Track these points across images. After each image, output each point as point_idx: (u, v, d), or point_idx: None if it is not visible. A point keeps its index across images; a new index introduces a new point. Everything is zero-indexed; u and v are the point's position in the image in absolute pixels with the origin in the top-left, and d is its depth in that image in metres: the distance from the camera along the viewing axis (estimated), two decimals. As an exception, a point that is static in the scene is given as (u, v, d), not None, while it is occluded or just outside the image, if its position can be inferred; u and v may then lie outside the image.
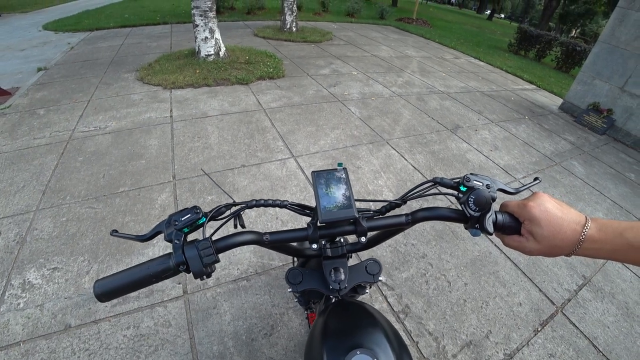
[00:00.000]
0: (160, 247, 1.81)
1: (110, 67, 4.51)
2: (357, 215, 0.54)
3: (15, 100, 3.41)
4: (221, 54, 4.84)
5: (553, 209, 0.46)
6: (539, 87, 6.38)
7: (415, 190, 0.58)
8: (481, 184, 0.52)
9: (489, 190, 0.51)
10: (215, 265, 0.46)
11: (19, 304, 1.50)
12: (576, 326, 1.68)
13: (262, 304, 1.61)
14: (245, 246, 1.87)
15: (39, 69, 4.40)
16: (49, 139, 2.71)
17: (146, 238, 0.51)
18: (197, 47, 4.67)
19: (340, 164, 0.60)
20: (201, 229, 0.52)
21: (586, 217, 0.45)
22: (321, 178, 0.57)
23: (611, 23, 4.51)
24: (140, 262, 0.46)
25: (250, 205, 0.56)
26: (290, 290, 0.66)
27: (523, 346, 1.55)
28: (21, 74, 4.43)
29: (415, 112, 4.01)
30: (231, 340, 1.44)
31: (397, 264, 1.91)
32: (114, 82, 3.98)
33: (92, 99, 3.48)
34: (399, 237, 2.09)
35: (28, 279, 1.61)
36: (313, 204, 0.62)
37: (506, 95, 5.36)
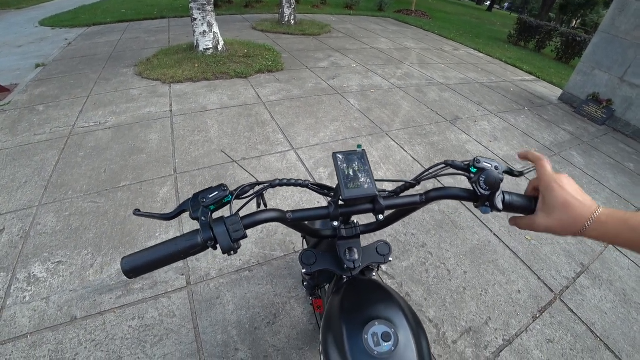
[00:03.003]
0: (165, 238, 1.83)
1: (109, 63, 4.50)
2: (377, 193, 0.56)
3: (14, 97, 3.41)
4: (220, 47, 4.81)
5: (571, 189, 0.49)
6: (539, 78, 6.35)
7: (429, 172, 0.61)
8: (490, 165, 0.55)
9: (497, 171, 0.54)
10: (241, 242, 0.48)
11: (25, 297, 1.52)
12: (574, 312, 1.71)
13: (264, 294, 1.63)
14: (248, 238, 1.91)
15: (37, 65, 4.39)
16: (50, 135, 2.72)
17: (171, 216, 0.53)
18: (195, 41, 4.65)
19: (359, 146, 0.62)
20: (224, 207, 0.54)
21: (598, 205, 0.48)
22: (342, 158, 0.59)
23: (611, 13, 4.48)
24: (151, 244, 0.48)
25: (273, 184, 0.59)
26: (304, 271, 0.69)
27: (522, 332, 1.58)
28: (19, 70, 4.42)
29: (415, 104, 4.01)
30: (235, 330, 1.47)
31: (398, 253, 1.93)
32: (112, 77, 3.97)
33: (92, 95, 3.47)
34: (398, 227, 2.11)
35: (33, 272, 1.63)
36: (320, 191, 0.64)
37: (505, 87, 5.35)
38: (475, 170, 0.56)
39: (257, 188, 0.58)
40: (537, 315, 1.67)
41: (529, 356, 1.48)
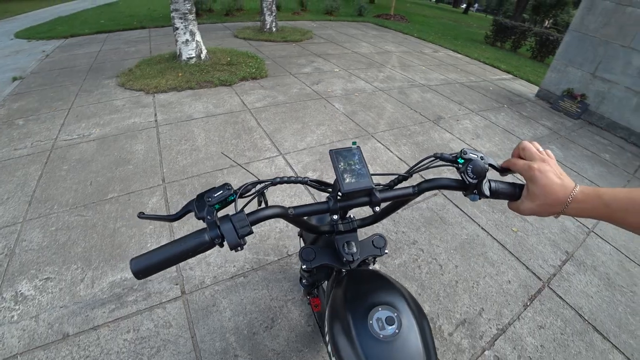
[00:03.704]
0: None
1: (89, 74, 4.42)
2: (374, 186, 0.60)
3: (-9, 112, 3.31)
4: (203, 56, 4.80)
5: (550, 173, 0.52)
6: (516, 76, 6.58)
7: (420, 164, 0.65)
8: (476, 155, 0.59)
9: (482, 161, 0.58)
10: (246, 238, 0.49)
11: (12, 316, 1.47)
12: (562, 298, 1.77)
13: (260, 298, 1.63)
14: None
15: (14, 79, 4.27)
16: (31, 149, 2.65)
17: (176, 217, 0.55)
18: (178, 51, 4.63)
19: (354, 143, 0.65)
20: (228, 206, 0.56)
21: (575, 184, 0.52)
22: (339, 155, 0.62)
23: (580, 12, 4.70)
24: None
25: (274, 182, 0.61)
26: (304, 267, 0.71)
27: (514, 320, 1.63)
28: (-5, 84, 4.29)
29: (398, 106, 4.08)
30: (233, 336, 1.46)
31: (390, 251, 1.96)
32: (94, 89, 3.90)
33: (73, 107, 3.40)
34: (389, 225, 2.15)
35: (20, 290, 1.58)
36: (312, 192, 0.66)
37: (485, 86, 5.51)
38: (462, 161, 0.59)
39: (258, 186, 0.60)
40: (528, 304, 1.72)
41: (522, 343, 1.53)
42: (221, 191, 0.54)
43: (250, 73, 4.54)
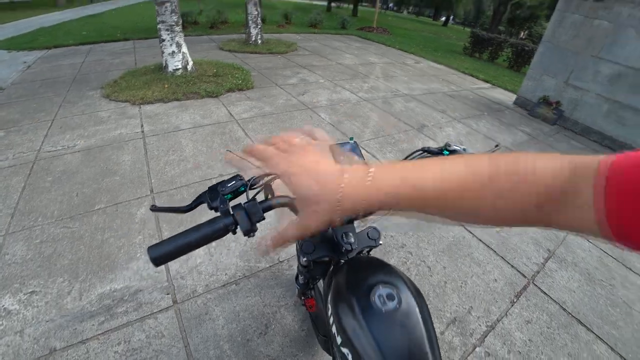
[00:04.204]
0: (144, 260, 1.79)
1: (73, 85, 4.35)
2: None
3: (-31, 125, 3.22)
4: (189, 67, 4.81)
5: (309, 163, 0.39)
6: (495, 85, 6.85)
7: (408, 158, 0.69)
8: (460, 147, 0.65)
9: (465, 152, 0.64)
10: (257, 225, 0.52)
11: (-5, 332, 1.43)
12: (546, 294, 1.84)
13: (253, 305, 1.63)
14: (232, 248, 1.90)
15: (-6, 90, 4.17)
16: (13, 161, 2.58)
17: (189, 208, 0.57)
18: (164, 62, 4.62)
19: (351, 138, 0.69)
20: (238, 197, 0.58)
21: (343, 171, 0.37)
22: (338, 148, 0.66)
23: (552, 25, 4.97)
24: (129, 269, 0.50)
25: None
26: (304, 259, 0.74)
27: (502, 317, 1.68)
28: (-27, 97, 4.17)
29: (383, 115, 4.19)
30: (227, 343, 1.45)
31: (379, 255, 1.99)
32: (78, 100, 3.84)
33: (57, 118, 3.34)
34: (380, 230, 2.19)
35: (3, 305, 1.53)
36: None
37: (465, 95, 5.72)
38: (447, 152, 0.65)
39: (266, 179, 0.63)
40: (514, 300, 1.78)
41: (511, 338, 1.58)
42: (233, 182, 0.57)
43: (236, 84, 4.57)
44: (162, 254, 0.46)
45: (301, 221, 0.39)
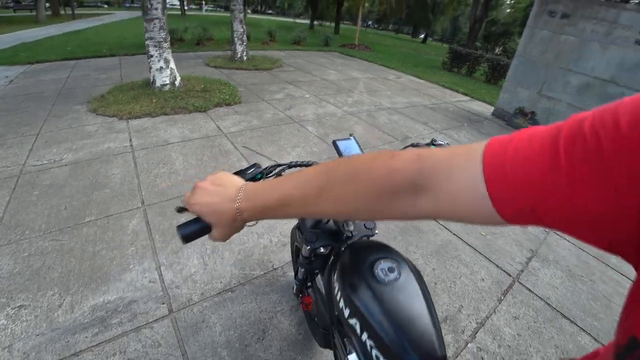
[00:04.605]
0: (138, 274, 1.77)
1: (59, 100, 4.30)
2: None
3: (-52, 141, 3.13)
4: (177, 83, 4.85)
5: (204, 194, 0.51)
6: (473, 98, 7.17)
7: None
8: (444, 143, 0.74)
9: (449, 145, 0.71)
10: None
11: (-18, 348, 1.38)
12: (531, 291, 1.93)
13: (250, 311, 1.64)
14: (226, 257, 1.91)
15: (-27, 106, 4.07)
16: (-3, 176, 2.53)
17: None
18: (152, 77, 4.65)
19: (351, 134, 0.78)
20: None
21: (242, 185, 0.50)
22: (341, 143, 0.76)
23: (523, 40, 5.31)
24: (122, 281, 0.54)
25: (290, 165, 0.74)
26: (308, 248, 0.80)
27: (491, 314, 1.75)
28: (-49, 113, 4.06)
29: (367, 128, 4.32)
30: (225, 350, 1.45)
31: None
32: (64, 114, 3.80)
33: (42, 132, 3.30)
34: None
35: (-10, 321, 1.49)
36: None
37: (446, 107, 5.96)
38: (434, 146, 0.73)
39: (278, 169, 0.69)
40: (502, 298, 1.86)
41: (500, 333, 1.64)
42: (253, 168, 0.64)
43: (224, 99, 4.63)
44: (190, 232, 0.50)
45: (217, 233, 0.52)
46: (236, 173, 0.62)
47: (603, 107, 0.28)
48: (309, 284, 1.22)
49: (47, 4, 19.87)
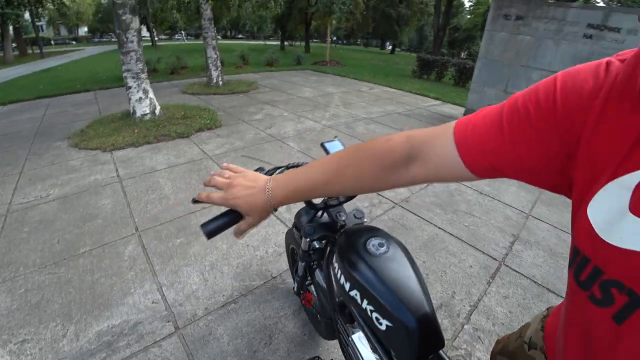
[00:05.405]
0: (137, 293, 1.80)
1: (37, 138, 4.27)
2: None
3: None
4: (157, 112, 4.91)
5: (242, 189, 0.61)
6: (444, 101, 7.53)
7: None
8: None
9: None
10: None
11: (-12, 387, 1.38)
12: (517, 271, 2.06)
13: (255, 319, 1.69)
14: (225, 271, 1.96)
15: (-52, 152, 3.98)
16: (-18, 218, 2.50)
17: None
18: (132, 108, 4.69)
19: (336, 136, 0.91)
20: None
21: (268, 179, 0.61)
22: (328, 145, 0.87)
23: (484, 42, 5.68)
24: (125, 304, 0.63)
25: (289, 166, 0.83)
26: (307, 240, 0.89)
27: (482, 296, 1.86)
28: None
29: (347, 138, 4.48)
30: (235, 358, 1.49)
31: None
32: (45, 151, 3.78)
33: (24, 171, 3.27)
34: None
35: (-7, 359, 1.48)
36: None
37: (419, 112, 6.25)
38: None
39: (278, 170, 0.79)
40: (491, 281, 1.98)
41: (493, 312, 1.75)
42: (259, 170, 0.73)
43: (205, 124, 4.71)
44: (215, 227, 0.60)
45: (249, 222, 0.63)
46: None
47: (531, 87, 0.40)
48: (309, 279, 1.30)
49: (14, 44, 19.59)
